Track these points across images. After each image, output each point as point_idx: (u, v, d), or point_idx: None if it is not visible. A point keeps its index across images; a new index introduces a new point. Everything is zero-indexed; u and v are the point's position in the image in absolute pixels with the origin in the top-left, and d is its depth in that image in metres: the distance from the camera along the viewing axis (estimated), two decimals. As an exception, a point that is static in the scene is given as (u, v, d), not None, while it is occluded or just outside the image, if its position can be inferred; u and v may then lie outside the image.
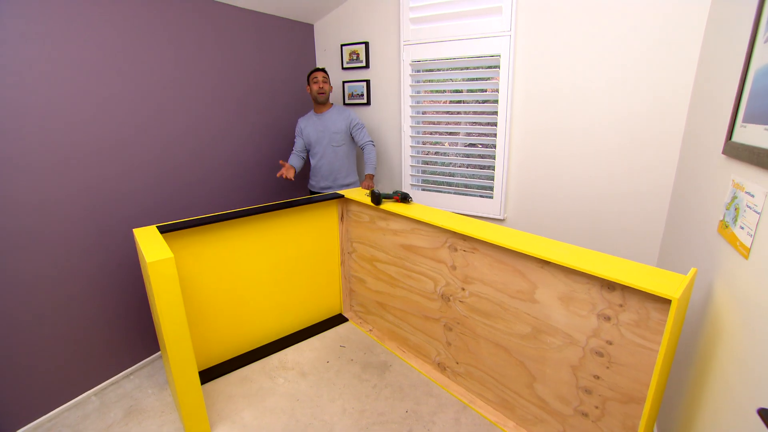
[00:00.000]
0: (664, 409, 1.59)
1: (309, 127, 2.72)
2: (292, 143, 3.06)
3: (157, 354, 2.32)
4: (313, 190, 2.88)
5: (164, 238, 1.80)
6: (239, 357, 2.26)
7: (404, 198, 2.17)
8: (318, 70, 2.67)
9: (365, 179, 2.69)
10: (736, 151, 1.11)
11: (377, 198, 2.16)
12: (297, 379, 2.10)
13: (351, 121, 2.73)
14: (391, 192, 2.22)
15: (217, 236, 2.02)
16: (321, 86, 2.64)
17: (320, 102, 2.68)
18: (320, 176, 2.79)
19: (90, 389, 2.02)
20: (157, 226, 1.81)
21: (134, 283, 2.14)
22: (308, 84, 2.70)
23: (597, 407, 1.45)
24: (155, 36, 2.10)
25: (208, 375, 2.11)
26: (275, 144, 2.97)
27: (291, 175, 2.52)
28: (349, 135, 2.76)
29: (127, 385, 2.10)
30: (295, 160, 2.74)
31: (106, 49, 1.91)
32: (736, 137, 1.14)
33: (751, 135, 1.03)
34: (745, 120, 1.08)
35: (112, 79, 1.95)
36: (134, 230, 1.75)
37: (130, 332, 2.16)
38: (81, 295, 1.93)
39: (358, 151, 2.98)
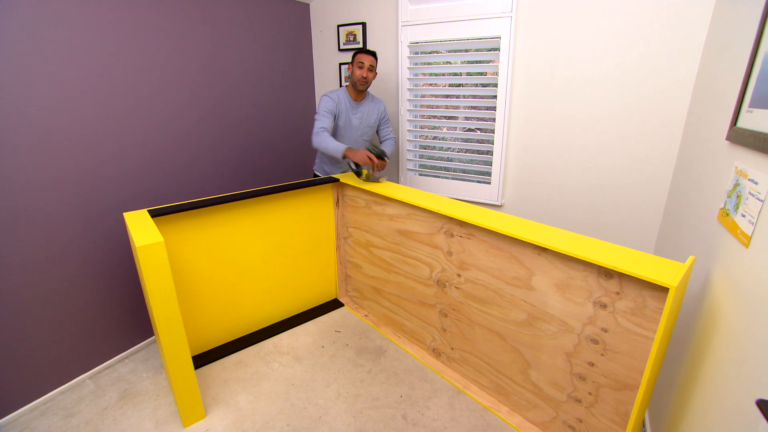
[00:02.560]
0: (656, 395, 1.60)
1: (343, 111, 2.40)
2: (288, 125, 3.00)
3: (152, 338, 2.31)
4: (321, 176, 2.60)
5: (156, 222, 1.77)
6: (234, 341, 2.26)
7: (380, 156, 2.20)
8: (367, 52, 2.32)
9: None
10: (740, 136, 1.08)
11: (358, 169, 2.24)
12: (292, 364, 2.11)
13: (383, 114, 2.53)
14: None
15: (211, 220, 1.99)
16: (365, 75, 2.32)
17: (359, 90, 2.38)
18: (338, 166, 2.58)
19: (85, 372, 2.01)
20: (148, 210, 1.77)
21: (129, 267, 2.12)
22: (351, 63, 2.35)
23: (590, 393, 1.46)
24: (143, 16, 2.03)
25: (202, 359, 2.11)
26: (268, 127, 2.91)
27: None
28: (376, 128, 2.58)
29: (121, 369, 2.10)
30: (338, 142, 2.32)
31: (93, 32, 1.83)
32: (742, 123, 1.11)
33: (758, 120, 1.00)
34: (752, 105, 1.05)
35: (100, 62, 1.88)
36: (125, 214, 1.72)
37: (124, 316, 2.15)
38: (75, 279, 1.91)
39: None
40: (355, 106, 2.43)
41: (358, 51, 2.35)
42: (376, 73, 2.41)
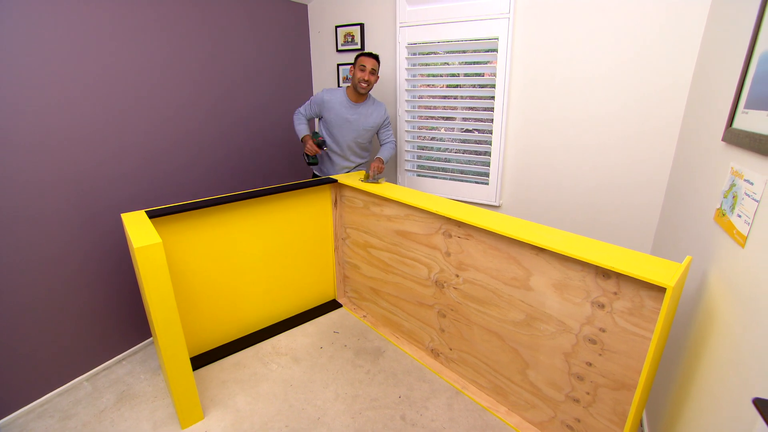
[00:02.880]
0: (653, 395, 1.61)
1: (336, 111, 2.39)
2: (286, 126, 3.00)
3: (149, 340, 2.31)
4: (320, 176, 2.61)
5: (153, 223, 1.76)
6: (232, 343, 2.26)
7: (320, 145, 2.38)
8: (369, 55, 2.31)
9: (375, 160, 2.43)
10: (736, 137, 1.09)
11: (309, 159, 2.42)
12: (290, 365, 2.10)
13: (385, 119, 2.51)
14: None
15: (209, 221, 1.99)
16: (367, 77, 2.29)
17: (360, 93, 2.36)
18: (337, 166, 2.58)
19: (82, 374, 2.01)
20: (145, 211, 1.77)
21: (126, 268, 2.11)
22: (353, 65, 2.34)
23: (588, 393, 1.46)
24: (143, 16, 2.03)
25: (200, 360, 2.11)
26: (266, 128, 2.91)
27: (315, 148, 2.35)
28: (376, 133, 2.56)
29: (119, 371, 2.09)
30: (306, 127, 2.44)
31: (93, 31, 1.83)
32: (737, 124, 1.12)
33: (753, 121, 1.01)
34: (747, 106, 1.06)
35: (100, 62, 1.88)
36: (122, 215, 1.72)
37: (122, 318, 2.14)
38: (72, 280, 1.90)
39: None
40: (354, 107, 2.42)
41: (361, 54, 2.33)
42: (378, 77, 2.40)
